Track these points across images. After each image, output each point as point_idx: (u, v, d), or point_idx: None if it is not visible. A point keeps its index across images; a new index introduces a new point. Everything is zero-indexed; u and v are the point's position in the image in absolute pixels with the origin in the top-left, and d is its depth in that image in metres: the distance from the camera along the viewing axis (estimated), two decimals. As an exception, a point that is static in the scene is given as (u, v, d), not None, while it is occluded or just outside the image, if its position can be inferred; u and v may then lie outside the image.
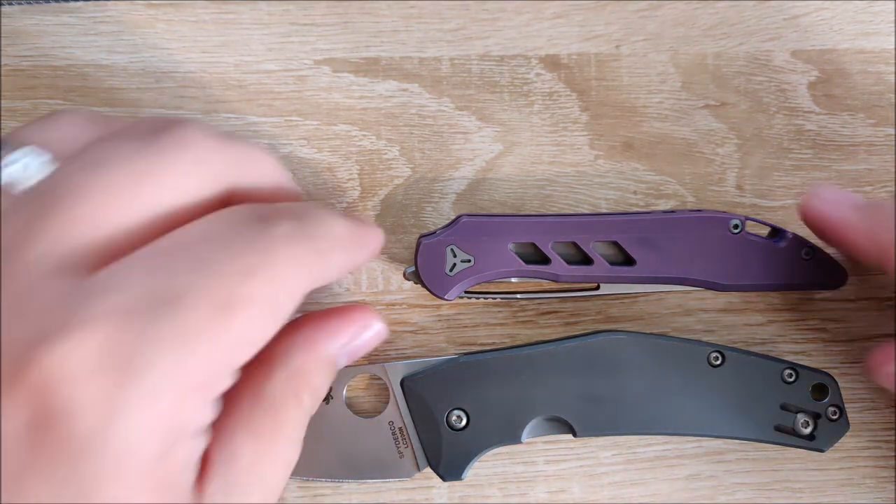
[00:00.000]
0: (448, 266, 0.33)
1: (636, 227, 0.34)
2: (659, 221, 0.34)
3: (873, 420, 0.36)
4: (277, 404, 0.24)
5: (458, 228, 0.33)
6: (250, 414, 0.23)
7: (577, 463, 0.35)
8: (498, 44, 0.37)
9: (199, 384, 0.20)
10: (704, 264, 0.34)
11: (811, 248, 0.34)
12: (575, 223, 0.34)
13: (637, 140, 0.37)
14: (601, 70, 0.37)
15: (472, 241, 0.33)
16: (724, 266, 0.34)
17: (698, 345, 0.33)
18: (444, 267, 0.33)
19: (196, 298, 0.20)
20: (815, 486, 0.35)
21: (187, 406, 0.20)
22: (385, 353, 0.35)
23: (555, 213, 0.36)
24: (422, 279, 0.33)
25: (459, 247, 0.33)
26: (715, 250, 0.34)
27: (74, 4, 0.36)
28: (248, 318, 0.21)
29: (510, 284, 0.35)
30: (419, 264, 0.33)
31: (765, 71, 0.37)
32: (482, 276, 0.33)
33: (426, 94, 0.37)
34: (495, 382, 0.33)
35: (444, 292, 0.33)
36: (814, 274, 0.34)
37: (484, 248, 0.33)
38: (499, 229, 0.33)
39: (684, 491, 0.35)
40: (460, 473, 0.33)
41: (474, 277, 0.33)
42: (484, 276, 0.33)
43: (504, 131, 0.37)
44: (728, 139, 0.37)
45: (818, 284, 0.35)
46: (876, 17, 0.38)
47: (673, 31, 0.37)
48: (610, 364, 0.33)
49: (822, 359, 0.36)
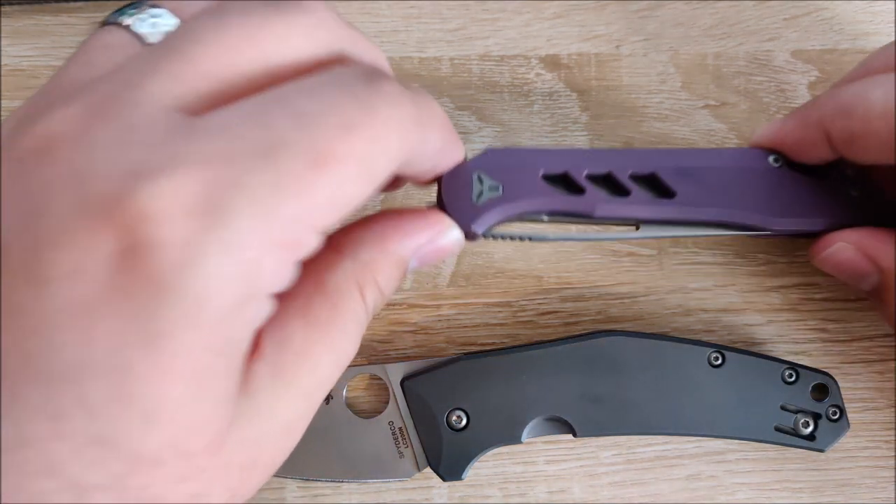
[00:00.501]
0: (475, 193, 0.29)
1: (675, 158, 0.31)
2: (697, 153, 0.31)
3: (873, 420, 0.36)
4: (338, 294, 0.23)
5: (485, 157, 0.29)
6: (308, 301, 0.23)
7: (577, 463, 0.35)
8: (498, 44, 0.37)
9: (284, 241, 0.20)
10: (747, 199, 0.31)
11: (856, 182, 0.31)
12: (611, 154, 0.31)
13: (637, 140, 0.37)
14: (601, 70, 0.37)
15: (500, 170, 0.29)
16: (768, 201, 0.31)
17: (698, 345, 0.33)
18: (470, 195, 0.29)
19: (293, 151, 0.19)
20: (814, 486, 0.35)
21: (268, 262, 0.20)
22: (385, 353, 0.35)
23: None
24: (447, 209, 0.29)
25: (488, 173, 0.29)
26: (757, 184, 0.31)
27: (74, 4, 0.36)
28: (343, 176, 0.20)
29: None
30: (443, 191, 0.29)
31: (765, 71, 0.37)
32: (511, 206, 0.29)
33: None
34: (495, 382, 0.33)
35: (470, 222, 0.28)
36: (864, 211, 0.31)
37: (513, 177, 0.29)
38: (530, 158, 0.30)
39: (684, 491, 0.35)
40: (460, 473, 0.33)
41: (503, 208, 0.29)
42: (513, 206, 0.29)
43: (504, 131, 0.37)
44: (728, 139, 0.37)
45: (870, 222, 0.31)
46: (876, 17, 0.38)
47: (673, 31, 0.37)
48: (610, 364, 0.33)
49: (822, 359, 0.36)
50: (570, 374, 0.32)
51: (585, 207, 0.30)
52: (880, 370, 0.36)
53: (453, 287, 0.36)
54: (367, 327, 0.35)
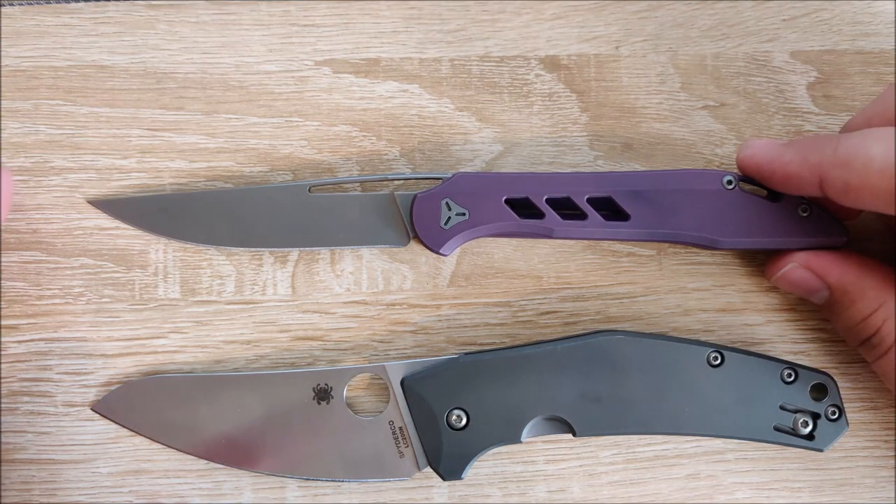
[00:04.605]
0: (443, 219, 0.33)
1: (630, 182, 0.34)
2: (652, 176, 0.34)
3: (872, 420, 0.36)
4: None
5: (453, 182, 0.34)
6: None
7: (576, 462, 0.35)
8: (498, 45, 0.37)
9: None
10: (699, 219, 0.33)
11: (808, 205, 0.33)
12: (569, 177, 0.34)
13: (636, 141, 0.37)
14: (601, 71, 0.37)
15: (467, 195, 0.34)
16: (719, 222, 0.33)
17: (697, 345, 0.33)
18: (438, 221, 0.34)
19: None
20: (814, 485, 0.35)
21: None
22: (385, 353, 0.35)
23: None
24: (417, 234, 0.34)
25: (454, 200, 0.33)
26: (709, 205, 0.33)
27: (75, 5, 0.37)
28: None
29: None
30: (415, 218, 0.34)
31: (764, 72, 0.37)
32: (477, 230, 0.34)
33: (426, 95, 0.37)
34: (495, 382, 0.33)
35: (439, 246, 0.34)
36: (812, 231, 0.33)
37: (479, 202, 0.33)
38: (493, 184, 0.34)
39: (684, 490, 0.35)
40: (460, 473, 0.33)
41: (469, 231, 0.34)
42: (479, 230, 0.34)
43: (504, 132, 0.37)
44: (727, 140, 0.37)
45: (816, 242, 0.33)
46: (875, 18, 0.38)
47: (672, 31, 0.37)
48: (610, 364, 0.33)
49: (821, 359, 0.36)
50: (569, 374, 0.33)
51: (544, 231, 0.34)
52: (879, 370, 0.36)
53: (453, 287, 0.36)
54: (367, 327, 0.36)
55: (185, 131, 0.36)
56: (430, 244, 0.34)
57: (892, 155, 0.28)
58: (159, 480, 0.34)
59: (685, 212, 0.33)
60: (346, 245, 0.35)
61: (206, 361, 0.35)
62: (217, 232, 0.35)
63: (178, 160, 0.36)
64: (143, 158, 0.36)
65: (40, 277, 0.35)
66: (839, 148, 0.29)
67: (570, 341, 0.33)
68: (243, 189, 0.35)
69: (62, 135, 0.36)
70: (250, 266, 0.36)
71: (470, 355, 0.34)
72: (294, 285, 0.36)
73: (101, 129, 0.36)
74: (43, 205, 0.36)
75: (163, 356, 0.35)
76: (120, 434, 0.35)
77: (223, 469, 0.34)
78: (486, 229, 0.34)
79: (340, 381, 0.34)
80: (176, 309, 0.35)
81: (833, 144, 0.30)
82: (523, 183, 0.34)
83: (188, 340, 0.35)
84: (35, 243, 0.35)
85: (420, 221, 0.34)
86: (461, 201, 0.33)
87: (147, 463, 0.35)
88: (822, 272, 0.33)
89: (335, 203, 0.35)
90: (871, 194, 0.28)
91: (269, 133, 0.36)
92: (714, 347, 0.33)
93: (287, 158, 0.36)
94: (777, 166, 0.32)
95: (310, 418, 0.33)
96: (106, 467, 0.35)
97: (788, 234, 0.33)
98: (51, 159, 0.36)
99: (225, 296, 0.36)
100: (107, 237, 0.36)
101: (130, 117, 0.36)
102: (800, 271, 0.33)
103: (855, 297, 0.32)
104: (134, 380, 0.35)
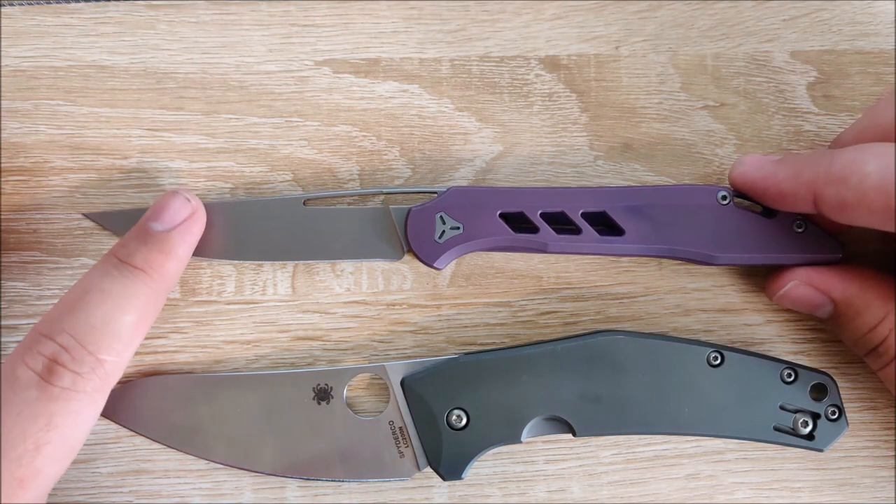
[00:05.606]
0: (437, 233, 0.33)
1: (624, 197, 0.34)
2: (647, 191, 0.34)
3: (872, 420, 0.36)
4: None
5: (447, 196, 0.34)
6: None
7: (576, 462, 0.35)
8: (498, 45, 0.37)
9: None
10: (694, 235, 0.33)
11: (803, 221, 0.33)
12: (564, 192, 0.34)
13: (636, 141, 0.37)
14: (601, 71, 0.37)
15: (461, 209, 0.34)
16: (714, 237, 0.33)
17: (697, 345, 0.33)
18: (433, 234, 0.34)
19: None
20: (813, 485, 0.35)
21: None
22: (385, 354, 0.35)
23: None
24: (412, 247, 0.34)
25: (449, 214, 0.33)
26: (704, 220, 0.33)
27: (75, 5, 0.37)
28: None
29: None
30: (409, 232, 0.34)
31: (764, 72, 0.37)
32: (471, 244, 0.34)
33: (426, 95, 0.37)
34: (495, 382, 0.33)
35: (433, 260, 0.34)
36: (807, 247, 0.33)
37: (473, 216, 0.33)
38: (488, 198, 0.34)
39: (683, 490, 0.35)
40: (460, 473, 0.33)
41: (464, 245, 0.34)
42: (473, 244, 0.34)
43: (504, 132, 0.37)
44: (727, 140, 0.37)
45: (812, 258, 0.34)
46: (875, 18, 0.38)
47: (672, 32, 0.37)
48: (609, 364, 0.33)
49: (821, 359, 0.36)
50: (569, 374, 0.33)
51: (539, 246, 0.34)
52: (879, 370, 0.36)
53: (453, 287, 0.36)
54: (367, 327, 0.36)
55: (186, 131, 0.36)
56: (425, 258, 0.34)
57: (887, 171, 0.27)
58: (159, 480, 0.34)
59: (680, 227, 0.33)
60: (340, 258, 0.35)
61: (207, 361, 0.35)
62: (212, 245, 0.35)
63: (178, 160, 0.36)
64: (143, 158, 0.36)
65: (40, 277, 0.35)
66: (833, 164, 0.29)
67: (569, 341, 0.33)
68: (237, 202, 0.35)
69: (62, 135, 0.36)
70: (250, 266, 0.36)
71: (470, 355, 0.34)
72: (294, 285, 0.36)
73: (101, 129, 0.36)
74: (43, 205, 0.36)
75: (163, 356, 0.35)
76: (120, 434, 0.35)
77: (223, 469, 0.34)
78: (480, 243, 0.34)
79: (340, 381, 0.34)
80: (176, 309, 0.35)
81: (826, 161, 0.29)
82: (518, 197, 0.34)
83: (188, 340, 0.35)
84: (35, 243, 0.35)
85: (414, 235, 0.34)
86: (455, 215, 0.34)
87: (147, 463, 0.35)
88: (825, 288, 0.33)
89: (330, 216, 0.35)
90: (868, 211, 0.28)
91: (269, 133, 0.36)
92: (714, 347, 0.33)
93: (287, 158, 0.36)
94: (770, 184, 0.32)
95: (310, 418, 0.33)
96: (106, 467, 0.35)
97: (784, 250, 0.33)
98: (51, 159, 0.36)
99: (225, 296, 0.36)
100: (107, 237, 0.36)
101: (130, 117, 0.36)
102: (802, 288, 0.33)
103: (860, 309, 0.32)
104: (134, 380, 0.35)
